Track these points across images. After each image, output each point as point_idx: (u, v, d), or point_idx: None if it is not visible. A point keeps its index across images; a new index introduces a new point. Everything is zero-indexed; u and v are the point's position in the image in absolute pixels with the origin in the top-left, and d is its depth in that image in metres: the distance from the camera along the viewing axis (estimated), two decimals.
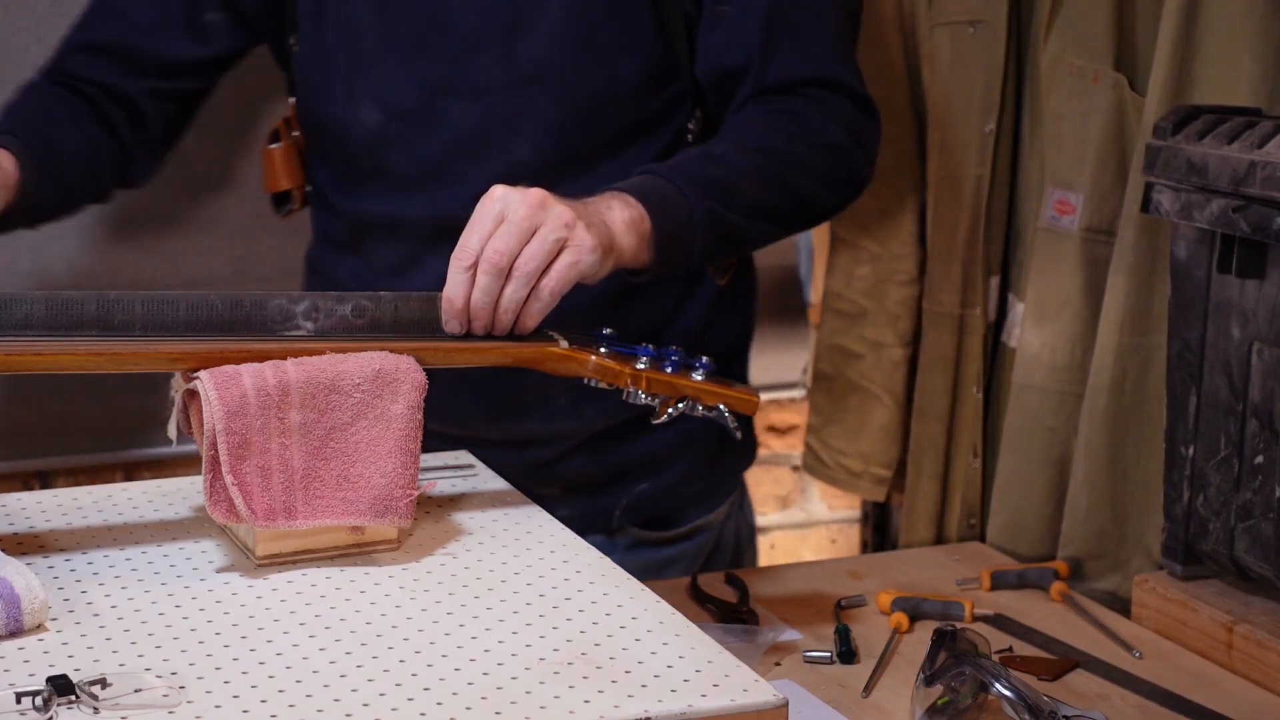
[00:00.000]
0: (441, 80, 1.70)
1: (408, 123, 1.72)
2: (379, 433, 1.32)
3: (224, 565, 1.30)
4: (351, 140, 1.76)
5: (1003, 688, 1.39)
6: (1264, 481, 1.55)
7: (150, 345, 1.31)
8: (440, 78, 1.70)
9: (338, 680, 1.11)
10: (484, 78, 1.69)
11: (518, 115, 1.69)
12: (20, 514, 1.40)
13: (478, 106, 1.70)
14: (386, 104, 1.72)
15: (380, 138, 1.73)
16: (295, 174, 1.86)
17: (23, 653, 1.14)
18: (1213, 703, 1.51)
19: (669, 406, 1.51)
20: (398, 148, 1.73)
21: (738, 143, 1.68)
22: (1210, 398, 1.61)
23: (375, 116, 1.73)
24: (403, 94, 1.72)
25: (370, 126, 1.73)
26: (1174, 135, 1.60)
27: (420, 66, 1.70)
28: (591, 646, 1.17)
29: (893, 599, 1.66)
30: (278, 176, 1.86)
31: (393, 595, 1.25)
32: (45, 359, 1.28)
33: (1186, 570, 1.67)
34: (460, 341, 1.45)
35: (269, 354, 1.31)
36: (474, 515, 1.43)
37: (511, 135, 1.70)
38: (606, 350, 1.49)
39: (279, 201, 1.89)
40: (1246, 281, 1.55)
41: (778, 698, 1.11)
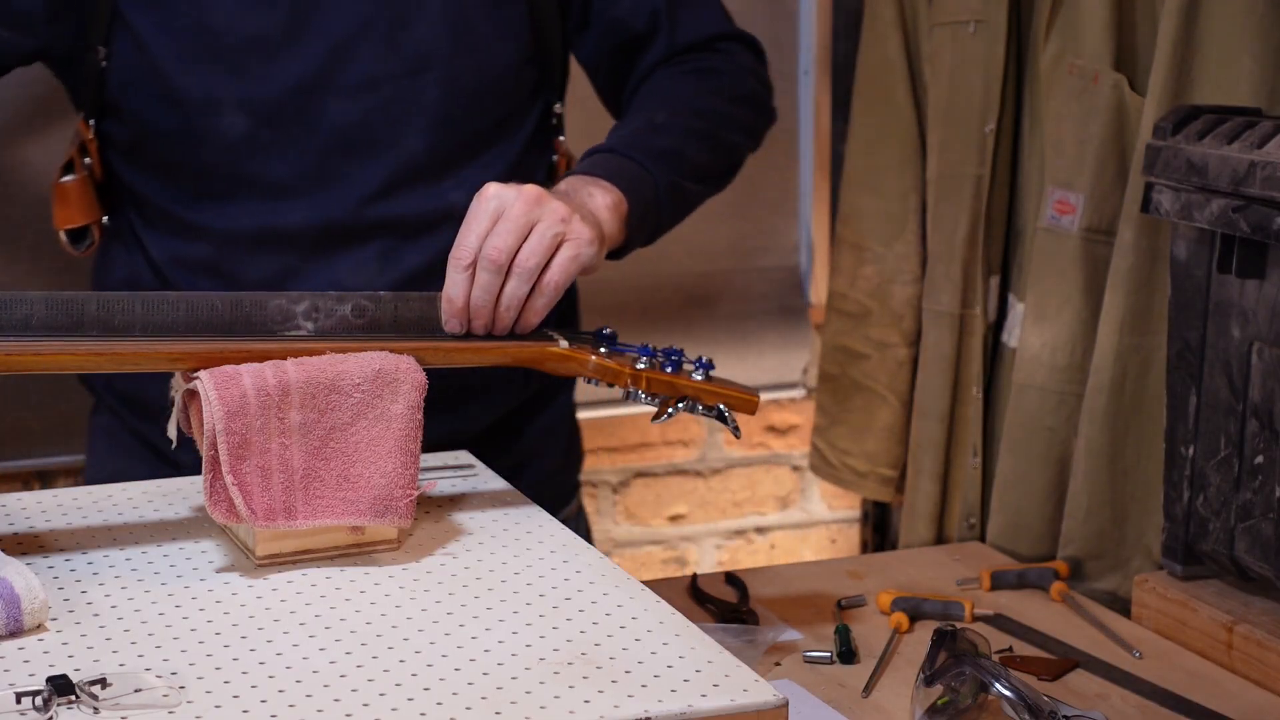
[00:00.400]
0: (316, 78, 1.62)
1: (279, 126, 1.63)
2: (379, 433, 1.32)
3: (224, 565, 1.30)
4: (209, 151, 1.64)
5: (1003, 688, 1.39)
6: (1264, 481, 1.55)
7: (150, 345, 1.31)
8: (314, 75, 1.62)
9: (338, 680, 1.11)
10: (366, 71, 1.63)
11: (404, 108, 1.64)
12: (20, 514, 1.40)
13: (360, 102, 1.63)
14: (254, 109, 1.62)
15: (248, 145, 1.63)
16: (93, 208, 1.72)
17: (23, 653, 1.14)
18: (1213, 703, 1.51)
19: (669, 406, 1.51)
20: (270, 153, 1.63)
21: (673, 109, 1.69)
22: (1210, 398, 1.61)
23: (241, 123, 1.62)
24: (273, 95, 1.62)
25: (235, 135, 1.63)
26: (1174, 135, 1.60)
27: (291, 66, 1.62)
28: (591, 646, 1.17)
29: (893, 599, 1.66)
30: (73, 212, 1.71)
31: (393, 595, 1.25)
32: (45, 359, 1.28)
33: (1186, 570, 1.67)
34: (460, 341, 1.45)
35: (269, 354, 1.31)
36: (474, 515, 1.43)
37: (399, 129, 1.65)
38: (606, 350, 1.49)
39: (75, 238, 1.74)
40: (1246, 281, 1.55)
41: (778, 698, 1.11)
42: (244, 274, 1.66)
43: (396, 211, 1.66)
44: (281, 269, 1.66)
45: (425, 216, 1.67)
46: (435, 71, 1.64)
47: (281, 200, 1.65)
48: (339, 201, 1.64)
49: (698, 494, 2.64)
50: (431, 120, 1.65)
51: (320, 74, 1.62)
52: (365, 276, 1.65)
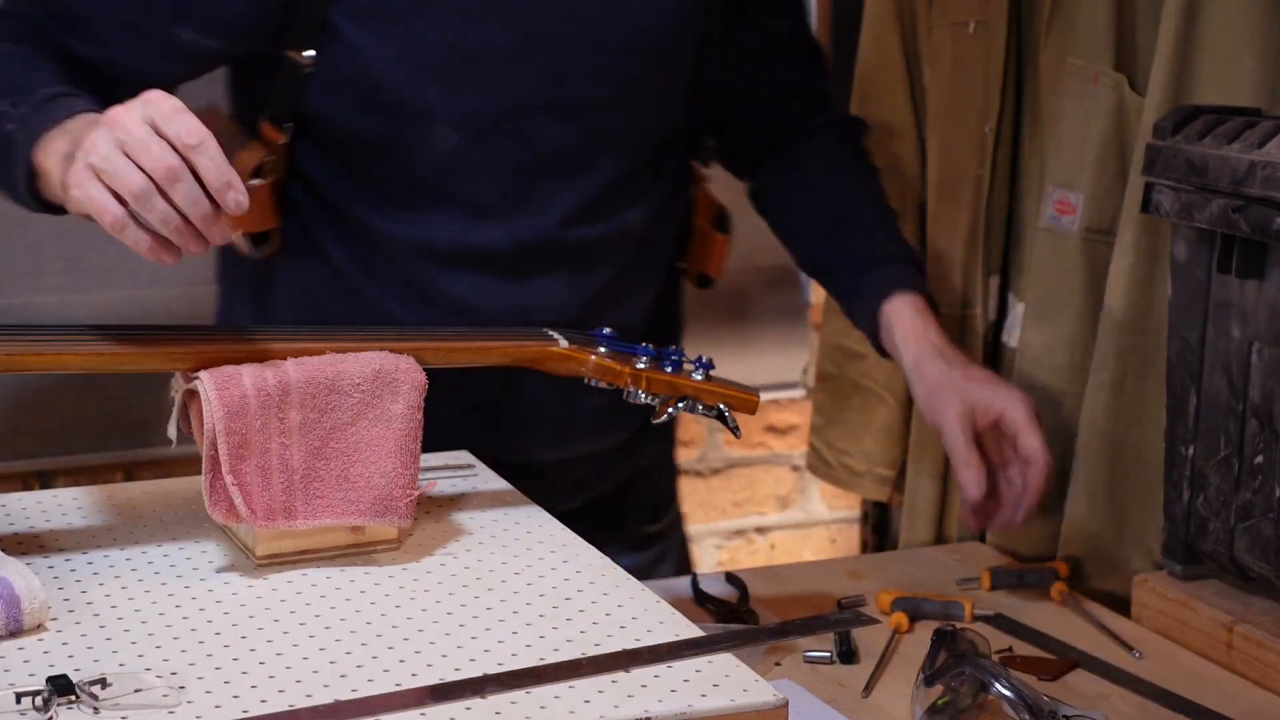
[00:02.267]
0: (533, 98, 1.62)
1: (489, 144, 1.62)
2: (379, 433, 1.32)
3: (224, 565, 1.30)
4: (415, 164, 1.62)
5: (1003, 688, 1.39)
6: (1264, 481, 1.55)
7: (150, 345, 1.31)
8: (532, 96, 1.61)
9: (338, 680, 1.11)
10: (577, 97, 1.63)
11: (605, 134, 1.66)
12: (20, 514, 1.40)
13: (569, 126, 1.63)
14: (468, 124, 1.61)
15: (456, 160, 1.62)
16: (276, 212, 1.67)
17: (23, 653, 1.14)
18: (1213, 703, 1.51)
19: (669, 406, 1.51)
20: (475, 171, 1.62)
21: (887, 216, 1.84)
22: (1210, 398, 1.61)
23: (452, 137, 1.61)
24: (488, 114, 1.61)
25: (444, 149, 1.61)
26: (1174, 135, 1.60)
27: (510, 84, 1.60)
28: (591, 646, 1.17)
29: (893, 599, 1.66)
30: (256, 216, 1.64)
31: (393, 595, 1.25)
32: (45, 359, 1.28)
33: (1186, 570, 1.67)
34: (460, 341, 1.46)
35: (269, 354, 1.31)
36: (474, 515, 1.43)
37: (598, 154, 1.66)
38: (606, 350, 1.49)
39: (255, 240, 1.68)
40: (1246, 281, 1.55)
41: (778, 698, 1.11)
42: (435, 289, 1.65)
43: (587, 234, 1.67)
44: (472, 287, 1.65)
45: (610, 239, 1.69)
46: (635, 101, 1.67)
47: (481, 219, 1.64)
48: (536, 223, 1.64)
49: (698, 494, 2.64)
50: (625, 146, 1.67)
51: (537, 95, 1.62)
52: (554, 299, 1.66)
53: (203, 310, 2.26)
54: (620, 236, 1.70)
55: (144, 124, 1.22)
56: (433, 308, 1.65)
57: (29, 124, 1.38)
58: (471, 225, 1.64)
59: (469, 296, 1.64)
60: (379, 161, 1.63)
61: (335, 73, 1.59)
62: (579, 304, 1.67)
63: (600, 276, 1.69)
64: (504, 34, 1.59)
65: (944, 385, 1.66)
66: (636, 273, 1.73)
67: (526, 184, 1.64)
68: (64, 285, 2.20)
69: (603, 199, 1.67)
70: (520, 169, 1.63)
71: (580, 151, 1.65)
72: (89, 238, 2.20)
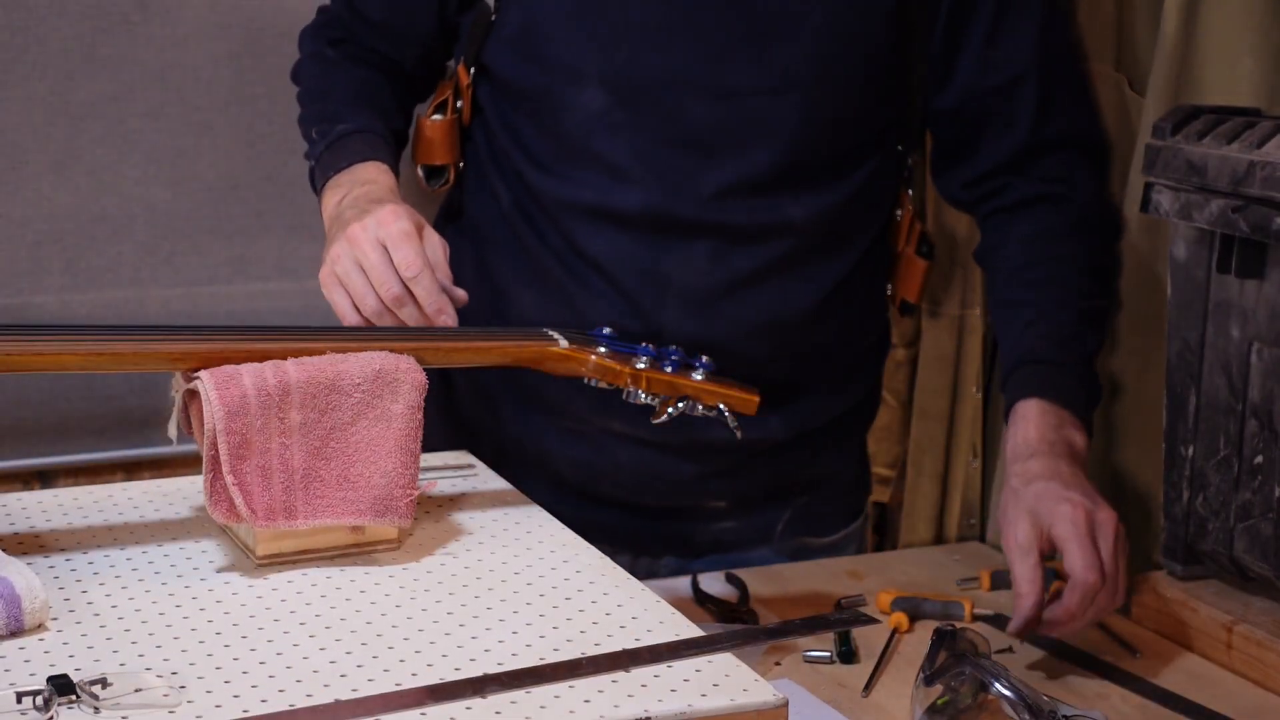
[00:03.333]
0: (685, 74, 1.63)
1: (634, 111, 1.65)
2: (379, 433, 1.32)
3: (224, 565, 1.30)
4: (565, 120, 1.68)
5: (1003, 688, 1.39)
6: (1263, 481, 1.55)
7: (150, 345, 1.31)
8: (684, 70, 1.63)
9: (338, 680, 1.11)
10: (730, 79, 1.63)
11: (755, 123, 1.64)
12: (20, 514, 1.40)
13: (716, 108, 1.64)
14: (618, 88, 1.64)
15: (603, 122, 1.66)
16: (454, 149, 1.78)
17: (23, 653, 1.14)
18: (1213, 703, 1.51)
19: (669, 406, 1.51)
20: (619, 134, 1.66)
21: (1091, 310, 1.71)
22: (1210, 398, 1.61)
23: (601, 99, 1.65)
24: (638, 81, 1.64)
25: (592, 109, 1.65)
26: (1174, 135, 1.60)
27: (663, 57, 1.63)
28: (592, 646, 1.17)
29: (893, 599, 1.66)
30: (434, 151, 1.78)
31: (393, 595, 1.25)
32: (45, 359, 1.28)
33: (1186, 570, 1.67)
34: (460, 341, 1.46)
35: (269, 354, 1.31)
36: (474, 515, 1.43)
37: (746, 142, 1.64)
38: (606, 350, 1.49)
39: (430, 174, 1.81)
40: (1246, 281, 1.55)
41: (778, 698, 1.11)
42: (578, 244, 1.69)
43: (730, 217, 1.66)
44: (610, 247, 1.68)
45: (758, 226, 1.67)
46: (796, 94, 1.64)
47: (621, 183, 1.66)
48: (674, 195, 1.65)
49: None
50: (782, 139, 1.65)
51: (686, 72, 1.63)
52: (693, 273, 1.67)
53: (203, 310, 2.26)
54: (777, 226, 1.67)
55: (378, 247, 1.49)
56: (578, 261, 1.69)
57: (323, 162, 1.69)
58: (612, 186, 1.67)
59: (606, 256, 1.68)
60: (535, 115, 1.70)
61: (509, 23, 1.68)
62: (721, 283, 1.67)
63: (750, 261, 1.67)
64: (664, 5, 1.62)
65: (1011, 503, 1.58)
66: (797, 268, 1.69)
67: (669, 155, 1.65)
68: (64, 285, 2.20)
69: (753, 185, 1.65)
70: (664, 139, 1.65)
71: (729, 133, 1.64)
72: (89, 238, 2.20)
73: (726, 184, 1.64)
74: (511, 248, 1.74)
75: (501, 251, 1.75)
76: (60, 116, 2.16)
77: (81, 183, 2.19)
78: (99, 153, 2.19)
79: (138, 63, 2.19)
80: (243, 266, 2.28)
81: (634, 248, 1.67)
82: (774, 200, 1.66)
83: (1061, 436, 1.61)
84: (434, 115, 1.77)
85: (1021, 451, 1.61)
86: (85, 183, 2.19)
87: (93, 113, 2.18)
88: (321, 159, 1.69)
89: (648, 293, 1.66)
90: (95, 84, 2.17)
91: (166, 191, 2.23)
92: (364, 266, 1.49)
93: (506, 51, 1.70)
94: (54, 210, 2.18)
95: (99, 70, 2.17)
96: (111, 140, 2.19)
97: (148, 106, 2.20)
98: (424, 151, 1.78)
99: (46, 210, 2.18)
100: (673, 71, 1.63)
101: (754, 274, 1.67)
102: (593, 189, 1.68)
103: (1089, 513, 1.54)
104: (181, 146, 2.22)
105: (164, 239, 2.24)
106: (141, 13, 2.18)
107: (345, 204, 1.60)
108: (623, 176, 1.66)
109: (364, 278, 1.50)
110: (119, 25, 2.17)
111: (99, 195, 2.20)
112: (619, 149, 1.66)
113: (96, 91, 2.17)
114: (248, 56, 2.23)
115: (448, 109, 1.77)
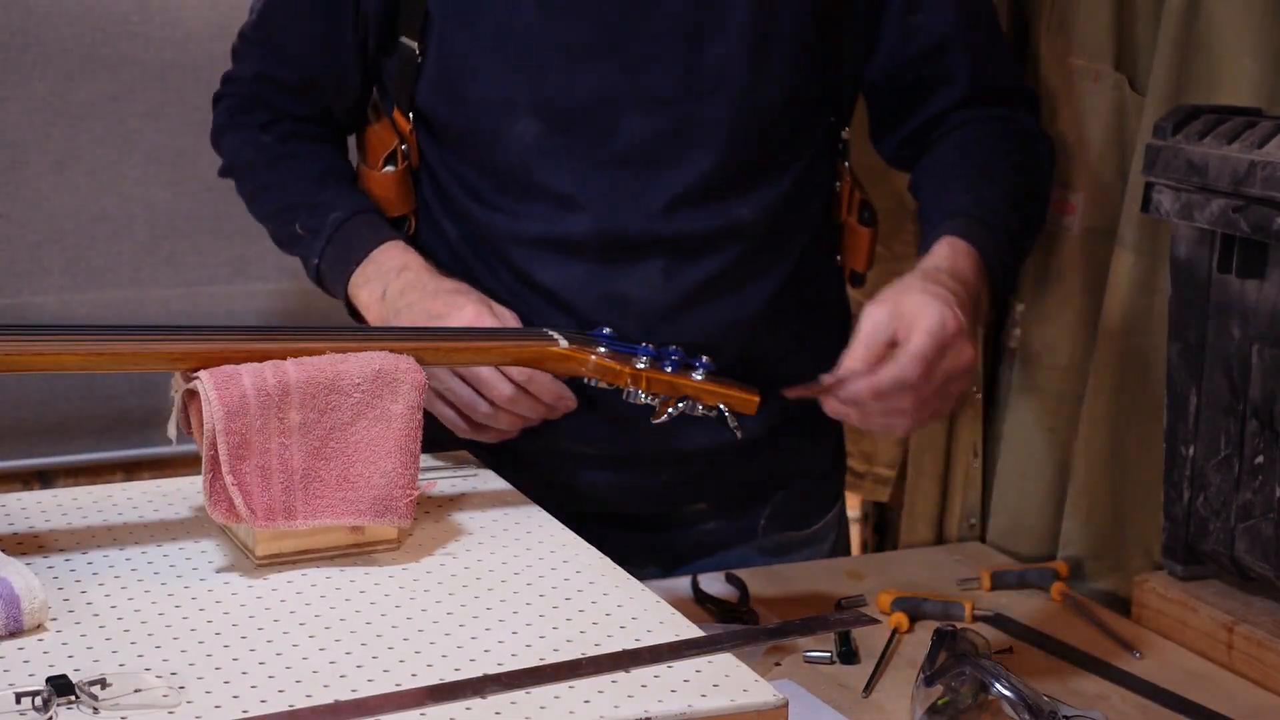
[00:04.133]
0: (615, 89, 1.61)
1: (571, 136, 1.62)
2: (379, 433, 1.32)
3: (224, 565, 1.30)
4: (502, 154, 1.65)
5: (1003, 688, 1.39)
6: (1264, 481, 1.55)
7: (150, 345, 1.31)
8: (613, 86, 1.61)
9: (338, 680, 1.11)
10: (662, 87, 1.61)
11: (694, 127, 1.62)
12: (20, 514, 1.40)
13: (651, 118, 1.61)
14: (551, 115, 1.62)
15: (540, 151, 1.63)
16: (410, 197, 1.74)
17: (23, 653, 1.14)
18: (1213, 703, 1.51)
19: (669, 406, 1.51)
20: (560, 163, 1.63)
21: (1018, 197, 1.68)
22: (1210, 398, 1.61)
23: (534, 129, 1.63)
24: (569, 105, 1.62)
25: (528, 140, 1.63)
26: (1174, 135, 1.60)
27: (590, 76, 1.61)
28: (592, 646, 1.17)
29: (893, 599, 1.66)
30: (392, 204, 1.73)
31: (393, 595, 1.25)
32: (45, 359, 1.28)
33: (1186, 570, 1.67)
34: (460, 341, 1.46)
35: (269, 354, 1.31)
36: (474, 515, 1.43)
37: (688, 147, 1.62)
38: (606, 350, 1.49)
39: (396, 224, 1.74)
40: (1246, 281, 1.55)
41: (778, 698, 1.11)
42: (530, 276, 1.66)
43: (682, 228, 1.64)
44: (563, 276, 1.65)
45: (710, 233, 1.65)
46: (727, 93, 1.62)
47: (569, 211, 1.64)
48: (624, 215, 1.63)
49: None
50: (721, 140, 1.63)
51: (616, 88, 1.61)
52: (649, 289, 1.64)
53: (203, 310, 2.26)
54: (727, 229, 1.66)
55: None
56: (530, 293, 1.67)
57: (330, 257, 1.67)
58: (558, 215, 1.64)
59: (560, 284, 1.65)
60: (473, 151, 1.67)
61: (434, 62, 1.65)
62: (679, 295, 1.64)
63: (705, 269, 1.65)
64: (582, 25, 1.60)
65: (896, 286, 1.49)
66: (751, 267, 1.68)
67: (612, 175, 1.63)
68: (64, 285, 2.20)
69: (701, 192, 1.63)
70: (604, 160, 1.62)
71: (669, 144, 1.63)
72: (89, 238, 2.20)
73: (673, 195, 1.63)
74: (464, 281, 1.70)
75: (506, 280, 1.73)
76: (60, 116, 2.17)
77: (81, 183, 2.19)
78: (99, 153, 2.19)
79: (138, 63, 2.19)
80: (243, 266, 2.28)
81: (587, 274, 1.64)
82: (722, 205, 1.65)
83: (973, 279, 1.55)
84: (385, 168, 1.72)
85: (931, 263, 1.55)
86: (85, 183, 2.19)
87: (93, 113, 2.18)
88: (326, 254, 1.67)
89: (606, 316, 1.62)
90: (95, 84, 2.17)
91: (166, 191, 2.23)
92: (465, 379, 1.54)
93: (433, 92, 1.67)
94: (54, 210, 2.18)
95: (99, 70, 2.17)
96: (111, 140, 2.19)
97: (148, 106, 2.20)
98: (383, 206, 1.73)
99: (46, 210, 2.18)
100: (601, 90, 1.61)
101: (709, 281, 1.65)
102: (540, 220, 1.65)
103: (956, 336, 1.43)
104: (181, 146, 2.23)
105: (164, 239, 2.24)
106: (141, 13, 2.18)
107: (392, 298, 1.59)
108: (568, 204, 1.63)
109: (466, 387, 1.53)
110: (119, 25, 2.17)
111: (99, 195, 2.20)
112: (560, 177, 1.63)
113: (96, 91, 2.17)
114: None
115: (397, 159, 1.72)
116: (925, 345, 1.40)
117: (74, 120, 2.17)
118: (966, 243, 1.57)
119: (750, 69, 1.62)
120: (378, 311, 1.61)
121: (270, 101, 1.76)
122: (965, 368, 1.44)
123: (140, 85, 2.19)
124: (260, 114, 1.77)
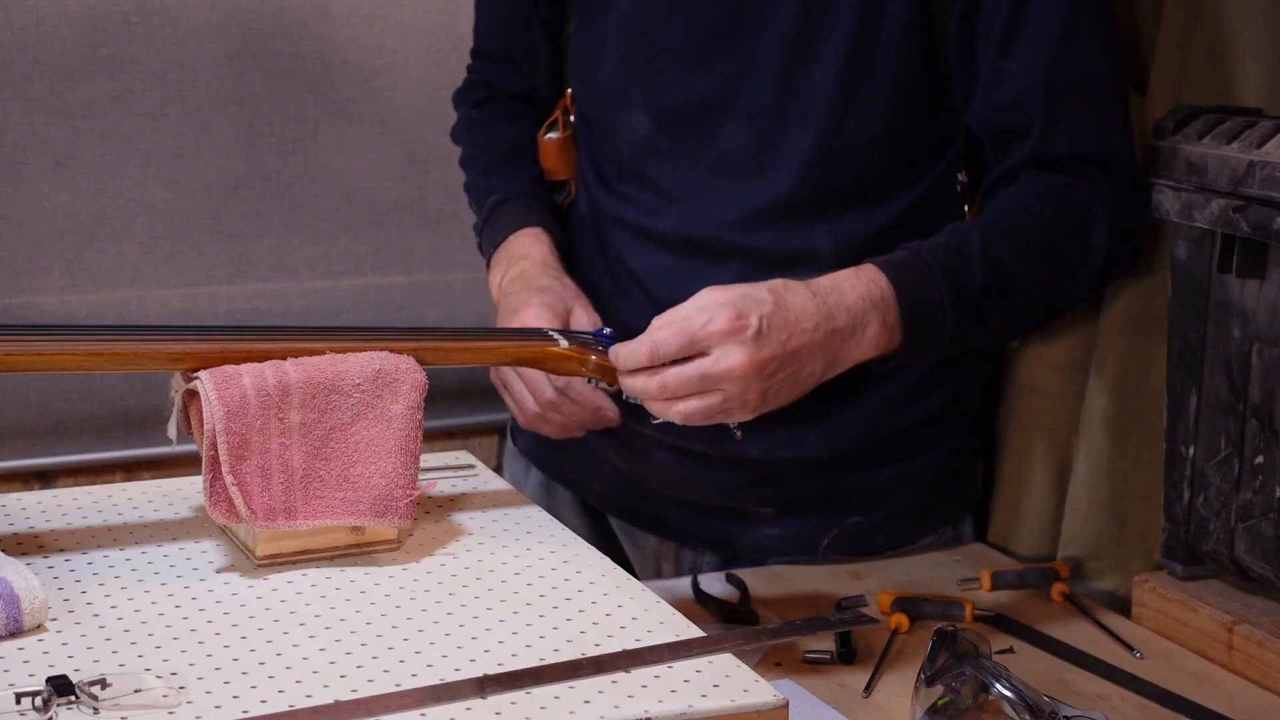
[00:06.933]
0: (716, 98, 1.65)
1: (676, 135, 1.68)
2: (379, 433, 1.32)
3: (224, 565, 1.30)
4: (619, 143, 1.74)
5: (1003, 688, 1.39)
6: (1264, 481, 1.55)
7: (150, 345, 1.31)
8: (715, 95, 1.65)
9: (338, 680, 1.11)
10: (758, 101, 1.63)
11: (779, 146, 1.64)
12: (20, 514, 1.40)
13: (747, 130, 1.64)
14: (660, 113, 1.69)
15: (649, 145, 1.70)
16: (570, 164, 1.85)
17: (23, 653, 1.14)
18: (1213, 703, 1.51)
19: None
20: (663, 159, 1.70)
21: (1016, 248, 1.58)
22: (1210, 398, 1.61)
23: (645, 123, 1.70)
24: (677, 106, 1.67)
25: (640, 132, 1.70)
26: (1174, 135, 1.60)
27: (697, 81, 1.65)
28: (592, 647, 1.17)
29: (893, 599, 1.66)
30: (553, 165, 1.86)
31: (393, 595, 1.25)
32: (45, 359, 1.28)
33: (1186, 570, 1.67)
34: (460, 341, 1.46)
35: (269, 354, 1.31)
36: (474, 515, 1.43)
37: (773, 164, 1.64)
38: (607, 350, 1.49)
39: (555, 188, 1.88)
40: (1246, 281, 1.55)
41: (778, 698, 1.11)
42: (627, 260, 1.75)
43: (756, 243, 1.66)
44: (650, 265, 1.72)
45: (783, 253, 1.65)
46: (814, 117, 1.62)
47: (663, 204, 1.70)
48: (708, 220, 1.67)
49: None
50: (802, 161, 1.63)
51: (719, 95, 1.65)
52: None
53: (203, 310, 2.26)
54: (802, 254, 1.64)
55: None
56: (625, 276, 1.75)
57: (485, 238, 1.82)
58: (655, 208, 1.71)
59: (648, 273, 1.72)
60: (596, 137, 1.78)
61: (577, 44, 1.77)
62: None
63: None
64: (691, 30, 1.65)
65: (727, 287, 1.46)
66: None
67: (705, 179, 1.68)
68: (64, 285, 2.20)
69: (778, 210, 1.64)
70: (701, 164, 1.68)
71: (757, 158, 1.65)
72: (89, 238, 2.20)
73: (751, 209, 1.65)
74: (581, 254, 1.81)
75: (578, 256, 1.82)
76: (60, 116, 2.16)
77: (81, 183, 2.19)
78: (99, 153, 2.19)
79: (138, 63, 2.19)
80: (243, 266, 2.28)
81: (670, 268, 1.70)
82: (800, 226, 1.65)
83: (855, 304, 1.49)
84: (549, 134, 1.85)
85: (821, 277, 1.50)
86: (85, 183, 2.19)
87: (93, 113, 2.18)
88: (484, 235, 1.81)
89: None
90: (95, 84, 2.17)
91: (166, 191, 2.23)
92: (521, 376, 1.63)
93: (575, 74, 1.80)
94: (54, 210, 2.18)
95: (99, 70, 2.17)
96: (111, 140, 2.19)
97: (148, 106, 2.20)
98: (546, 170, 1.86)
99: (46, 210, 2.18)
100: (704, 95, 1.66)
101: None
102: (640, 209, 1.73)
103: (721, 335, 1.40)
104: (181, 146, 2.23)
105: (164, 239, 2.24)
106: (141, 13, 2.18)
107: (504, 285, 1.70)
108: (666, 199, 1.70)
109: (520, 384, 1.63)
110: (119, 25, 2.17)
111: (99, 195, 2.20)
112: (663, 173, 1.70)
113: (96, 91, 2.17)
114: (248, 56, 2.23)
115: (560, 126, 1.84)
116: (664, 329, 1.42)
117: (74, 120, 2.17)
118: (880, 271, 1.52)
119: (839, 98, 1.62)
120: (495, 297, 1.72)
121: (487, 78, 1.92)
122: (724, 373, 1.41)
123: (140, 85, 2.19)
124: (479, 91, 1.93)
